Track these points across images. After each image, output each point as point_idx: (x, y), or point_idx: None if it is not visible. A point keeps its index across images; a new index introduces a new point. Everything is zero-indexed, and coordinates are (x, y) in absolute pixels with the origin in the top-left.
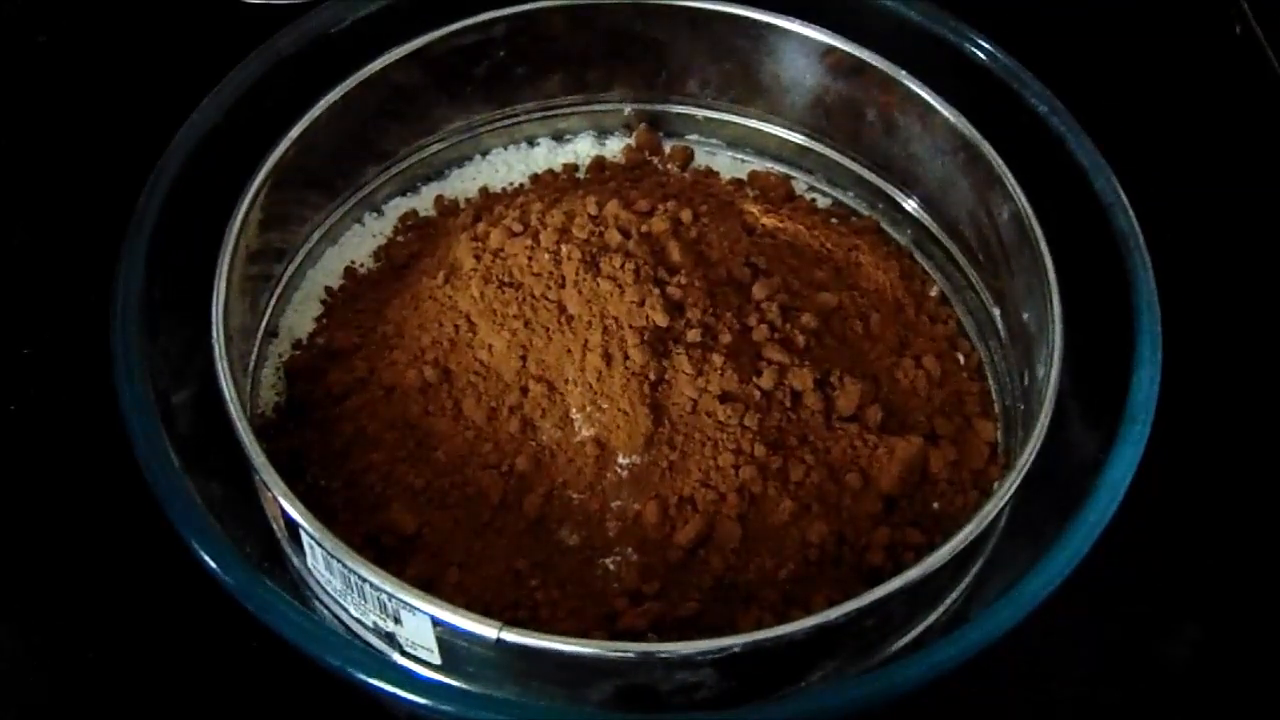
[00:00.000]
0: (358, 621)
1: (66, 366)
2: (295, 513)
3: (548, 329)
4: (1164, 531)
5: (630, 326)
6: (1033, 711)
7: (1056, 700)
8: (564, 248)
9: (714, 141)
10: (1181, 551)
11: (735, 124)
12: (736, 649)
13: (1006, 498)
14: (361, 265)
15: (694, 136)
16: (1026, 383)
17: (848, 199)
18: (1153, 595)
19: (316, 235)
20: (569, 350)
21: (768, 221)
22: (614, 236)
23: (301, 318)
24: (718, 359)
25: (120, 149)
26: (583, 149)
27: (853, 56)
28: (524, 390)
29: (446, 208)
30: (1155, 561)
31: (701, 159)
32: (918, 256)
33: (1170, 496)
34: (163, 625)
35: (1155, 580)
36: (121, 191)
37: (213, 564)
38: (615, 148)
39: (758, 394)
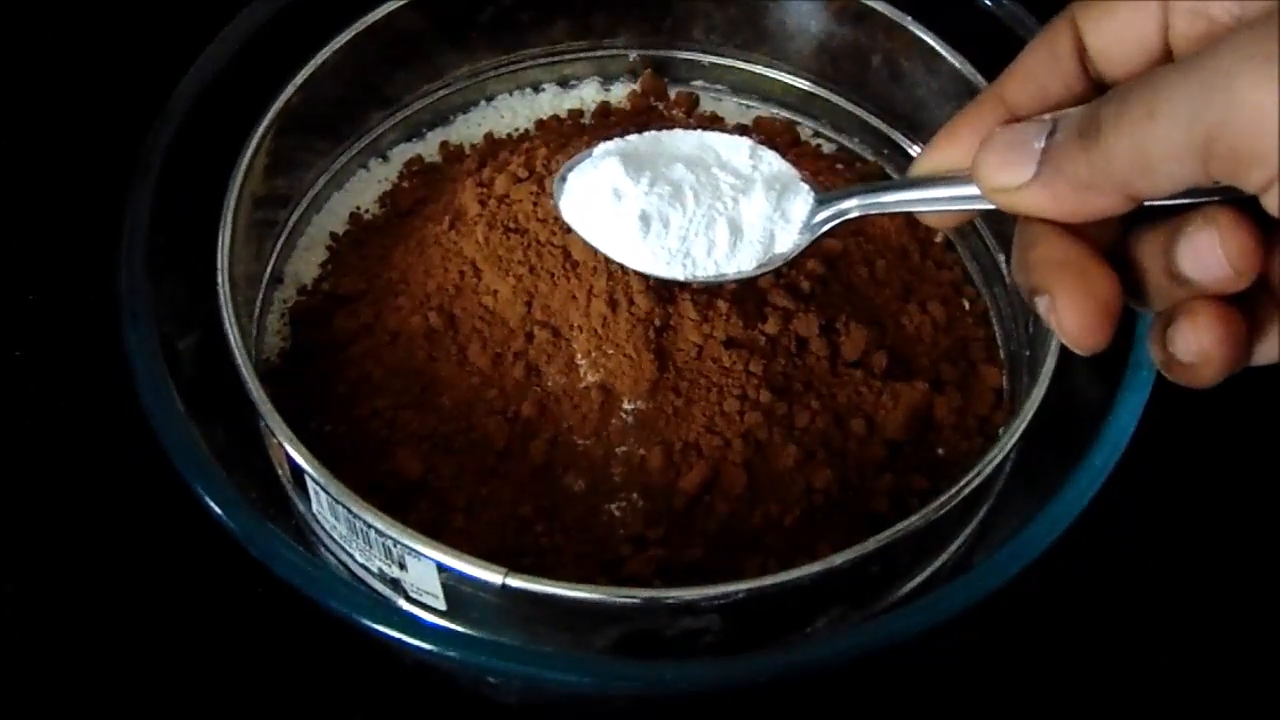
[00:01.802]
0: (363, 567)
1: (72, 312)
2: (300, 458)
3: (553, 275)
4: (1169, 478)
5: (635, 272)
6: (1036, 659)
7: (1061, 647)
8: None
9: (719, 87)
10: (1185, 497)
11: (740, 70)
12: (741, 595)
13: (1011, 444)
14: (367, 211)
15: (699, 82)
16: (1032, 329)
17: (853, 145)
18: (1159, 540)
19: (322, 181)
20: (574, 296)
21: None
22: None
23: (307, 264)
24: (723, 305)
25: (126, 92)
26: (588, 95)
27: (858, 2)
28: (529, 336)
29: (452, 153)
30: (1160, 508)
31: (706, 105)
32: None
33: (1176, 442)
34: (167, 572)
35: (1160, 526)
36: (128, 134)
37: (218, 510)
38: (620, 93)
39: (763, 340)
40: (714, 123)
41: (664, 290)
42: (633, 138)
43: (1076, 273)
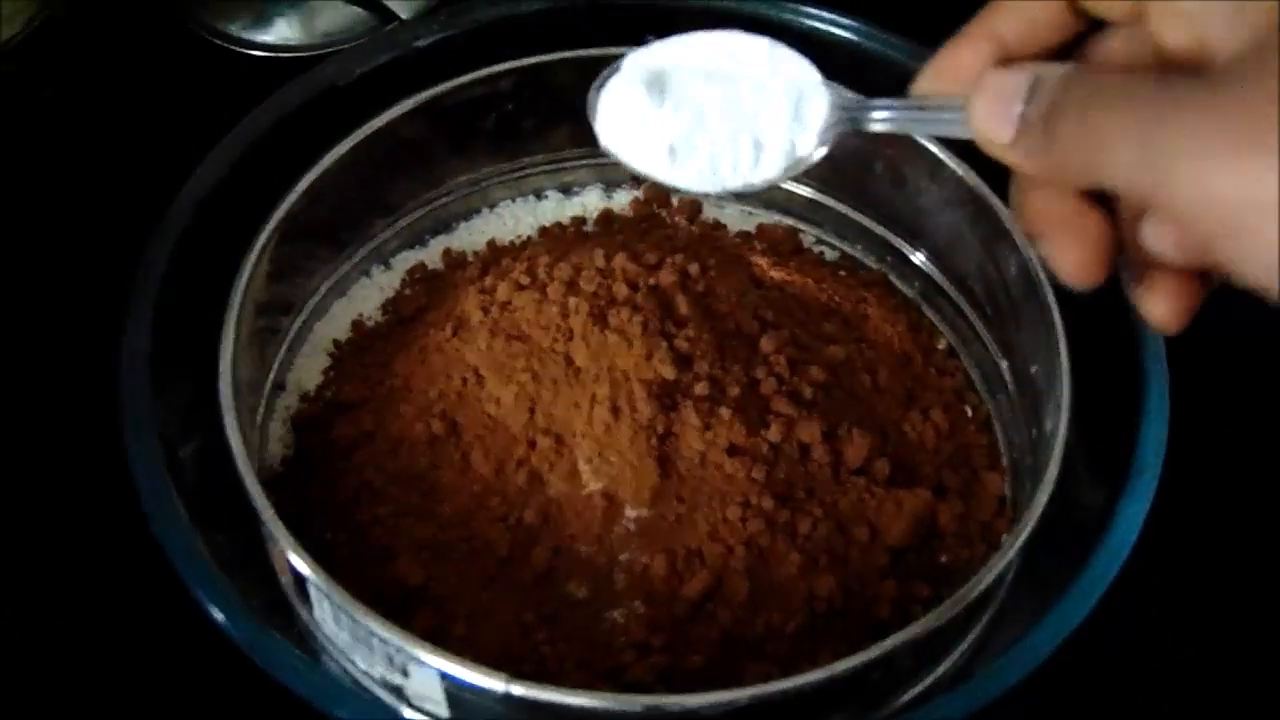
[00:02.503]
0: (365, 674)
1: (74, 418)
2: (303, 566)
3: (555, 382)
4: (1172, 585)
5: (638, 379)
6: None
7: None
8: (572, 301)
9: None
10: (1189, 606)
11: None
12: (743, 702)
13: (1014, 551)
14: (369, 318)
15: None
16: (1034, 435)
17: (856, 252)
18: (1160, 649)
19: (324, 288)
20: (576, 403)
21: (776, 274)
22: (621, 290)
23: (309, 371)
24: (725, 412)
25: (127, 200)
26: (591, 202)
27: None
28: (531, 443)
29: (454, 261)
30: (1163, 616)
31: (709, 212)
32: (926, 309)
33: (1178, 550)
34: (171, 679)
35: (1163, 634)
36: (129, 242)
37: (220, 617)
38: (623, 200)
39: (765, 447)
40: (716, 229)
41: (667, 397)
42: (656, 47)
43: (1071, 220)
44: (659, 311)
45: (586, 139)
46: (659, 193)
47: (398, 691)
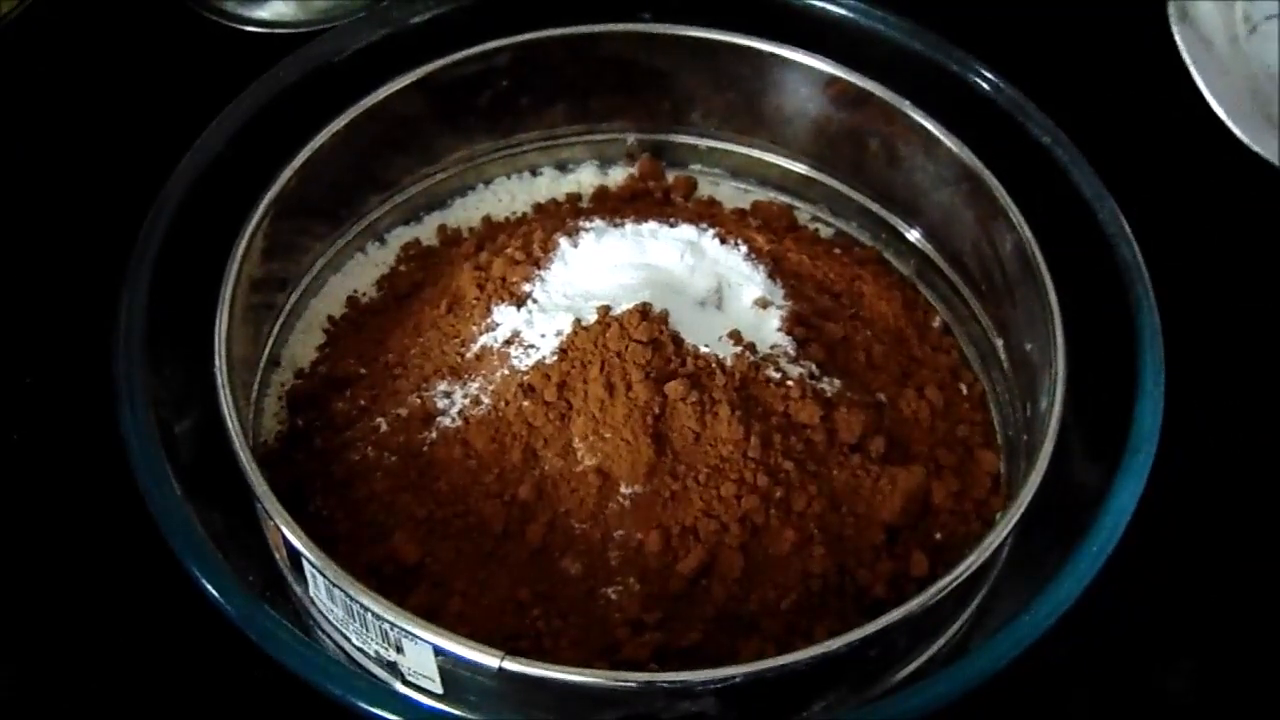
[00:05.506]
0: (360, 651)
1: (69, 395)
2: (297, 542)
3: (551, 358)
4: (1166, 563)
5: (633, 356)
6: None
7: None
8: None
9: (717, 171)
10: (1183, 584)
11: (738, 154)
12: (738, 679)
13: (1008, 529)
14: (364, 294)
15: (697, 166)
16: (1029, 413)
17: (851, 229)
18: (1154, 627)
19: (319, 264)
20: (572, 380)
21: (770, 251)
22: None
23: (304, 347)
24: (720, 389)
25: (123, 177)
26: (586, 178)
27: (856, 87)
28: (527, 420)
29: (449, 237)
30: (1157, 593)
31: (705, 189)
32: (920, 287)
33: (1172, 528)
34: (165, 654)
35: (1157, 612)
36: (124, 218)
37: (215, 593)
38: (618, 177)
39: (760, 424)
40: (711, 206)
41: (662, 374)
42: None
43: None
44: None
45: (582, 116)
46: (654, 169)
47: (392, 667)
